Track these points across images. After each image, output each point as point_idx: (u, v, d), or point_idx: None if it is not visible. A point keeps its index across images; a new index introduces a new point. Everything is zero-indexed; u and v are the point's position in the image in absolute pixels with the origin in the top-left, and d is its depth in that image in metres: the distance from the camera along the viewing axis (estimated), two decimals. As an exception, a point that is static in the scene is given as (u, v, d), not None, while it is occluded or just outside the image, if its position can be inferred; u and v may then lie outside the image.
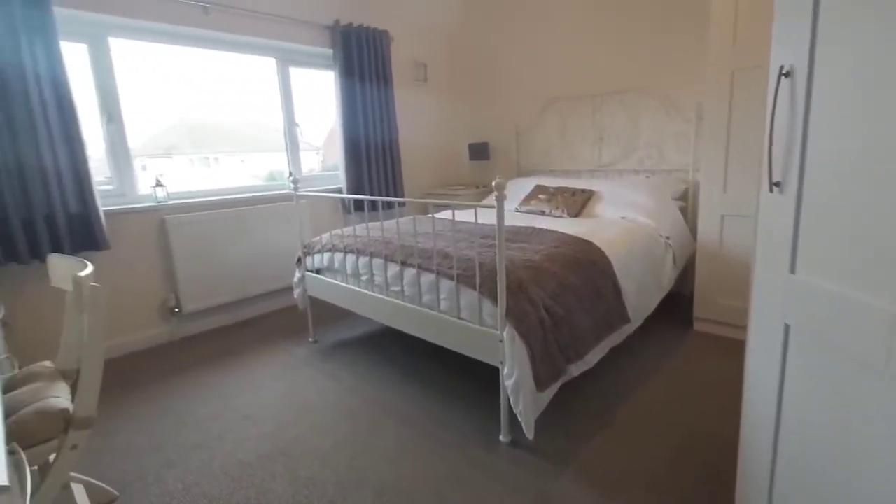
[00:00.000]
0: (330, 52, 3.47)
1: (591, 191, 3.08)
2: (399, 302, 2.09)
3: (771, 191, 1.05)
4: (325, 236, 2.61)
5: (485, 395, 2.03)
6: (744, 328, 2.41)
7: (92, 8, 2.46)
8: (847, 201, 0.82)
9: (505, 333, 1.64)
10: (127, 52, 2.74)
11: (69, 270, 1.33)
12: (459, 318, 1.84)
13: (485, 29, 4.11)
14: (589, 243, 2.19)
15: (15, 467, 0.94)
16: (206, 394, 2.23)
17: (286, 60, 3.42)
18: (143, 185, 2.86)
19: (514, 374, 1.62)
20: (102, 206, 2.50)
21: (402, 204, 2.20)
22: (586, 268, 2.02)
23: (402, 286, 2.07)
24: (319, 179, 3.76)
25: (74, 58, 2.51)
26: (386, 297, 2.15)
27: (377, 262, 2.20)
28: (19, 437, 1.10)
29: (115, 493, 1.57)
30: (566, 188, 3.18)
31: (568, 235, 2.28)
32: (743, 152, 2.34)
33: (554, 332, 1.73)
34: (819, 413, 0.91)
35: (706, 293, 2.60)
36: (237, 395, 2.20)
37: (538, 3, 3.68)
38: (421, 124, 4.23)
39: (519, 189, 3.51)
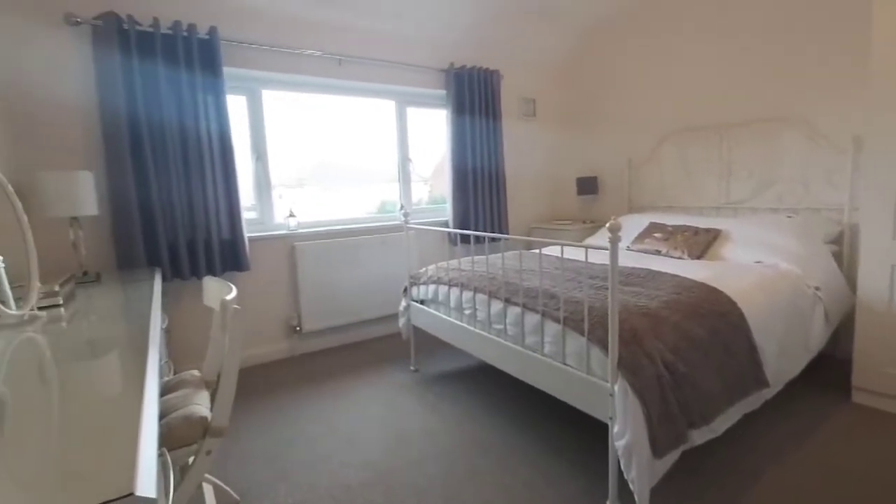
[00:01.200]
0: (443, 92, 3.66)
1: (716, 230, 2.78)
2: (501, 340, 2.05)
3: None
4: (432, 268, 2.69)
5: (592, 452, 1.88)
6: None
7: (253, 66, 2.90)
8: None
9: (616, 387, 1.52)
10: (273, 101, 3.17)
11: (218, 292, 1.54)
12: (565, 364, 1.74)
13: (597, 62, 4.03)
14: (717, 291, 1.96)
15: (162, 467, 1.08)
16: (316, 412, 2.38)
17: (404, 102, 3.68)
18: (278, 215, 3.23)
19: (627, 435, 1.47)
20: (247, 233, 2.88)
21: (477, 236, 2.22)
22: (713, 319, 1.80)
23: (506, 324, 2.04)
24: (427, 211, 3.92)
25: (234, 107, 2.97)
26: (488, 335, 2.13)
27: (481, 297, 2.20)
28: (168, 440, 1.27)
29: (237, 497, 1.72)
30: (686, 227, 2.91)
31: (691, 281, 2.07)
32: (924, 192, 1.94)
33: (675, 391, 1.55)
34: None
35: (869, 359, 2.15)
36: (343, 417, 2.31)
37: (657, 31, 3.52)
38: (528, 158, 4.23)
39: (631, 226, 3.30)
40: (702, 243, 2.73)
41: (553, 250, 2.97)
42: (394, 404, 2.43)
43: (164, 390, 1.55)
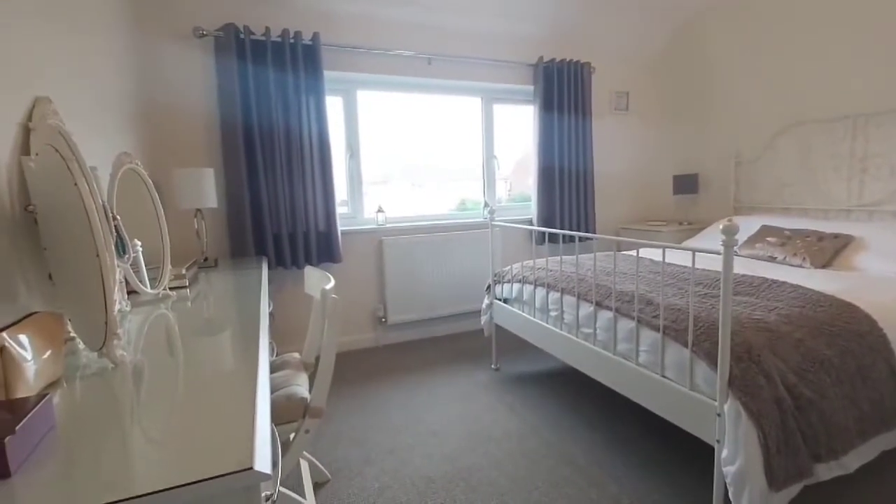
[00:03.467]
0: (531, 87, 3.57)
1: (847, 236, 2.43)
2: (590, 345, 1.96)
3: None
4: (516, 267, 2.64)
5: (692, 474, 1.74)
6: None
7: (349, 68, 3.05)
8: None
9: (726, 407, 1.38)
10: (366, 100, 3.31)
11: (318, 282, 1.63)
12: (664, 377, 1.62)
13: (696, 53, 3.69)
14: (852, 307, 1.70)
15: (270, 443, 1.17)
16: (400, 402, 2.45)
17: (490, 99, 3.66)
18: (367, 210, 3.38)
19: (738, 462, 1.33)
20: (340, 227, 3.04)
21: (566, 235, 2.11)
22: (847, 339, 1.57)
23: (595, 329, 1.94)
24: (509, 209, 3.87)
25: (331, 108, 3.14)
26: (575, 338, 2.05)
27: (568, 299, 2.12)
28: (272, 417, 1.37)
29: (329, 475, 1.82)
30: (809, 231, 2.57)
31: (817, 293, 1.82)
32: None
33: (797, 419, 1.38)
34: None
35: None
36: (426, 410, 2.36)
37: (767, 18, 3.14)
38: (619, 155, 4.01)
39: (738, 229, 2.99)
40: (828, 250, 2.40)
41: (648, 253, 2.79)
42: (474, 402, 2.43)
43: (270, 369, 1.68)
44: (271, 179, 2.79)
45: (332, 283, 1.46)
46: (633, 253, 2.75)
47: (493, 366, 2.85)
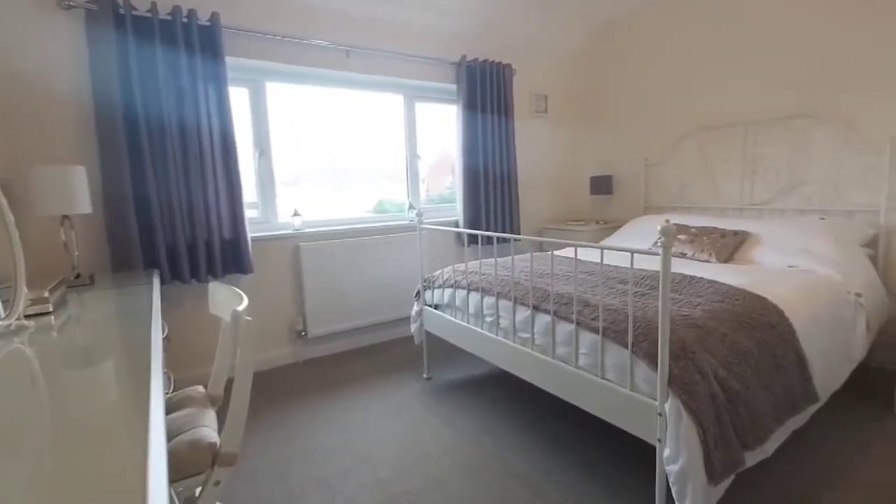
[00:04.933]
0: (454, 87, 3.51)
1: (745, 232, 2.66)
2: (528, 350, 1.91)
3: None
4: (447, 271, 2.54)
5: (633, 474, 1.75)
6: None
7: (256, 56, 2.74)
8: None
9: (667, 406, 1.38)
10: (277, 93, 3.01)
11: (227, 300, 1.38)
12: (604, 379, 1.60)
13: (611, 57, 3.90)
14: (762, 299, 1.82)
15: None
16: (327, 423, 2.23)
17: (413, 96, 3.53)
18: (282, 214, 3.07)
19: (681, 460, 1.34)
20: (250, 233, 2.71)
21: (500, 238, 2.10)
22: (762, 331, 1.67)
23: (533, 333, 1.90)
24: (431, 211, 3.78)
25: (237, 100, 2.80)
26: (513, 343, 1.99)
27: (504, 303, 2.05)
28: (172, 470, 1.12)
29: (245, 524, 1.57)
30: (711, 228, 2.79)
31: (730, 287, 1.93)
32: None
33: (728, 411, 1.42)
34: None
35: (918, 370, 2.04)
36: (357, 430, 2.16)
37: (676, 25, 3.39)
38: (539, 157, 4.09)
39: (649, 228, 3.18)
40: (729, 246, 2.60)
41: (569, 252, 2.84)
42: (408, 416, 2.28)
43: (167, 408, 1.40)
44: (163, 179, 2.40)
45: (244, 303, 1.23)
46: (560, 253, 2.80)
47: (425, 375, 2.72)
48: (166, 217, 2.43)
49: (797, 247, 2.42)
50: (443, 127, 3.75)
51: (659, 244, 1.36)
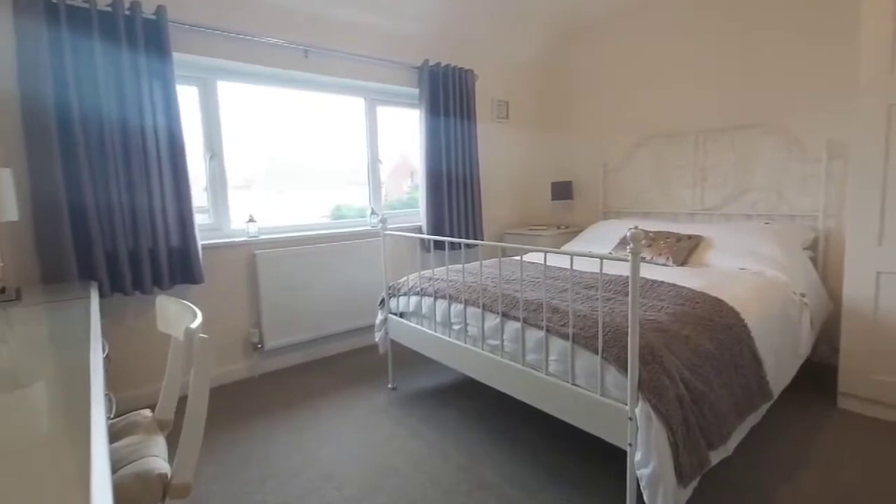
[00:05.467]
0: (416, 91, 3.47)
1: (698, 236, 2.77)
2: (497, 358, 1.88)
3: None
4: (413, 278, 2.49)
5: (603, 479, 1.76)
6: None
7: (207, 53, 2.58)
8: None
9: (637, 410, 1.39)
10: (230, 93, 2.86)
11: (179, 317, 1.27)
12: (574, 385, 1.60)
13: (571, 65, 3.99)
14: (719, 301, 1.89)
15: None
16: (287, 442, 2.11)
17: (374, 100, 3.46)
18: (235, 220, 2.91)
19: (651, 464, 1.35)
20: (200, 241, 2.54)
21: (468, 244, 2.10)
22: (721, 332, 1.73)
23: (502, 340, 1.87)
24: (392, 216, 3.71)
25: (186, 99, 2.63)
26: (481, 351, 1.96)
27: (473, 310, 2.02)
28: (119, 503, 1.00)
29: (199, 558, 1.44)
30: (667, 233, 2.89)
31: (689, 290, 2.00)
32: (907, 199, 1.98)
33: (694, 413, 1.45)
34: None
35: (855, 365, 2.18)
36: (318, 447, 2.06)
37: (633, 36, 3.51)
38: (501, 162, 4.12)
39: (608, 232, 3.26)
40: (684, 249, 2.70)
41: (532, 257, 2.86)
42: (373, 430, 2.20)
43: (110, 436, 1.26)
44: (101, 182, 2.21)
45: (199, 320, 1.13)
46: (525, 258, 2.81)
47: (390, 385, 2.64)
48: (105, 223, 2.24)
49: (746, 250, 2.54)
50: (402, 131, 3.70)
51: (628, 250, 1.37)
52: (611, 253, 3.01)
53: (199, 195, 2.79)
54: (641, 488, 1.38)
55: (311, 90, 3.18)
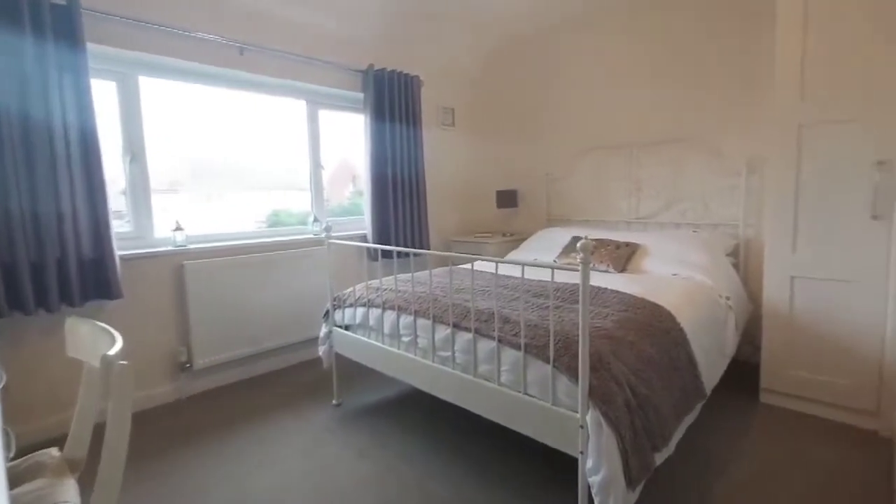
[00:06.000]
0: (361, 95, 3.39)
1: (635, 244, 2.91)
2: (448, 369, 1.85)
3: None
4: (359, 288, 2.40)
5: (554, 488, 1.77)
6: (825, 404, 2.20)
7: (127, 45, 2.36)
8: None
9: (588, 418, 1.41)
10: (155, 90, 2.63)
11: (93, 341, 1.11)
12: (527, 395, 1.60)
13: (516, 75, 4.08)
14: (658, 306, 1.98)
15: None
16: (220, 471, 1.94)
17: (316, 103, 3.34)
18: (160, 228, 2.67)
19: (602, 471, 1.37)
20: (118, 251, 2.30)
21: (417, 254, 2.08)
22: (661, 336, 1.81)
23: (454, 352, 1.84)
24: (339, 223, 3.59)
25: (102, 96, 2.38)
26: (432, 363, 1.92)
27: (423, 322, 1.98)
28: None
29: None
30: (607, 241, 3.01)
31: (631, 296, 2.08)
32: (815, 210, 2.19)
33: (640, 417, 1.49)
34: None
35: (775, 363, 2.37)
36: (257, 475, 1.91)
37: (574, 50, 3.65)
38: (447, 170, 4.12)
39: (553, 240, 3.35)
40: (623, 257, 2.83)
41: (480, 265, 2.86)
42: (318, 452, 2.08)
43: (10, 481, 1.08)
44: (-2, 186, 1.93)
45: (118, 345, 1.00)
46: (496, 268, 2.80)
47: (334, 401, 2.52)
48: (2, 230, 1.96)
49: (677, 257, 2.70)
50: (344, 135, 3.60)
51: (579, 260, 1.39)
52: (555, 260, 3.09)
53: (116, 199, 2.52)
54: (593, 495, 1.40)
55: (248, 90, 3.00)
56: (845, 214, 2.10)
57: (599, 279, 2.47)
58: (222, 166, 3.08)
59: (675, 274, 2.61)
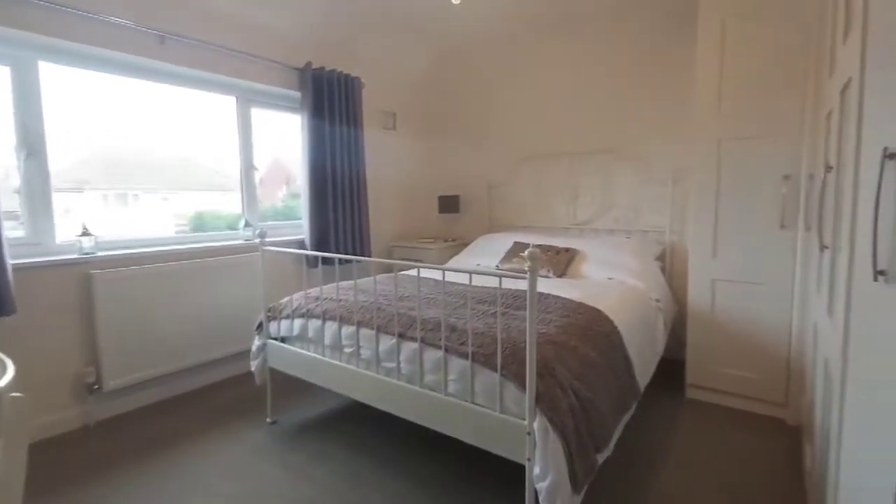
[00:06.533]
0: (298, 94, 3.23)
1: (574, 250, 3.01)
2: (393, 381, 1.78)
3: (875, 279, 0.95)
4: (297, 298, 2.26)
5: (503, 497, 1.75)
6: (742, 397, 2.38)
7: (22, 26, 2.07)
8: None
9: (535, 425, 1.41)
10: (58, 77, 2.33)
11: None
12: (474, 404, 1.58)
13: (456, 83, 4.10)
14: (597, 311, 2.05)
15: None
16: (137, 503, 1.73)
17: (248, 100, 3.14)
18: (62, 233, 2.36)
19: (550, 476, 1.37)
20: (10, 259, 2.00)
21: (357, 261, 2.02)
22: (601, 340, 1.87)
23: (399, 362, 1.78)
24: (273, 228, 3.40)
25: (-10, 80, 2.08)
26: (377, 375, 1.84)
27: (366, 332, 1.90)
28: None
29: None
30: (548, 246, 3.09)
31: (572, 302, 2.13)
32: (733, 219, 2.37)
33: (584, 421, 1.52)
34: None
35: (699, 360, 2.54)
36: (180, 505, 1.73)
37: (516, 60, 3.73)
38: (389, 174, 4.04)
39: (495, 245, 3.39)
40: (563, 262, 2.91)
41: (425, 273, 2.82)
42: (251, 476, 1.92)
43: None
44: None
45: (10, 374, 0.84)
46: (412, 273, 2.75)
47: (269, 419, 2.36)
48: None
49: (612, 262, 2.83)
50: (276, 134, 3.42)
51: (526, 268, 1.39)
52: (498, 265, 3.12)
53: (9, 198, 2.20)
54: (540, 501, 1.39)
55: (171, 84, 2.75)
56: (758, 223, 2.31)
57: (541, 284, 2.48)
58: (139, 164, 2.80)
59: (610, 278, 2.73)
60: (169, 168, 2.94)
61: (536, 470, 1.41)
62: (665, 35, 3.00)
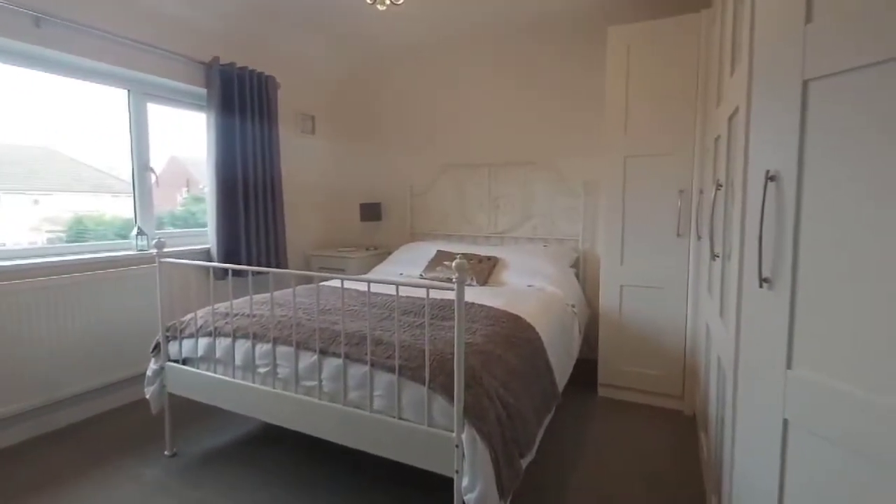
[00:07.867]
0: (203, 91, 2.97)
1: (496, 258, 3.09)
2: (315, 400, 1.68)
3: (760, 286, 1.07)
4: (203, 314, 2.05)
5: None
6: (646, 392, 2.58)
7: None
8: (845, 298, 0.86)
9: (464, 436, 1.40)
10: None
11: None
12: (401, 419, 1.53)
13: (377, 89, 4.04)
14: (519, 318, 2.10)
15: None
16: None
17: (143, 94, 2.82)
18: None
19: (478, 487, 1.36)
20: None
21: (276, 273, 1.88)
22: (524, 347, 1.92)
23: (320, 380, 1.68)
24: (175, 236, 3.08)
25: None
26: (295, 395, 1.72)
27: (284, 349, 1.77)
28: None
29: None
30: (470, 254, 3.13)
31: (496, 310, 2.17)
32: (637, 228, 2.58)
33: (510, 428, 1.54)
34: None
35: (609, 360, 2.72)
36: (54, 565, 1.47)
37: (432, 70, 3.76)
38: (307, 179, 3.86)
39: (418, 254, 3.37)
40: (485, 270, 2.97)
41: (349, 283, 2.72)
42: (148, 516, 1.70)
43: None
44: None
45: None
46: (332, 284, 2.64)
47: (167, 452, 2.10)
48: None
49: (531, 269, 2.94)
50: (177, 133, 3.12)
51: (454, 280, 1.38)
52: (422, 274, 3.10)
53: None
54: (468, 513, 1.38)
55: (50, 72, 2.39)
56: (658, 233, 2.53)
57: (466, 293, 2.53)
58: (5, 161, 2.38)
59: (530, 285, 2.83)
60: (41, 167, 2.54)
61: (465, 482, 1.40)
62: (580, 59, 3.20)
